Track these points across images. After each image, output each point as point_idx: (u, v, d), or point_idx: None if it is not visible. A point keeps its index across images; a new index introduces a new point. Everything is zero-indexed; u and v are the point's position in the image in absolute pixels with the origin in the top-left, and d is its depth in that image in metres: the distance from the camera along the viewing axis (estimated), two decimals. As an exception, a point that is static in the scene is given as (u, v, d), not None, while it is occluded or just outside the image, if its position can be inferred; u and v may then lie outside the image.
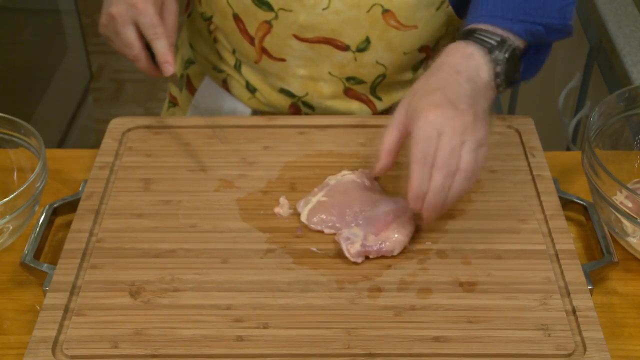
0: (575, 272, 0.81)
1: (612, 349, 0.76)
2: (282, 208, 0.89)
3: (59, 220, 0.91)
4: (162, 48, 0.92)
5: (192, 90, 1.16)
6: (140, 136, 1.00)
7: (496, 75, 0.84)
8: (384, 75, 1.02)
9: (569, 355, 0.74)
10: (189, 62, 1.16)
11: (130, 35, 0.92)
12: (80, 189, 0.93)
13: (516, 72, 0.86)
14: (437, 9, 0.98)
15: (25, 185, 0.83)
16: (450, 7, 0.99)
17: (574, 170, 0.98)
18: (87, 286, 0.81)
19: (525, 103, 2.07)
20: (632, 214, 0.83)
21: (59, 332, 0.76)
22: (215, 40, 1.07)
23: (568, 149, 1.60)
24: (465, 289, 0.80)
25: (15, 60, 2.24)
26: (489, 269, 0.82)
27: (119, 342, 0.75)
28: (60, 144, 2.47)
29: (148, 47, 0.93)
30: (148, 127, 1.02)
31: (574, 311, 0.77)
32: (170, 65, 0.92)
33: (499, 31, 0.86)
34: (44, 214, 0.90)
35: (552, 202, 0.90)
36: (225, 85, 1.10)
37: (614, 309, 0.82)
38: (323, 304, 0.79)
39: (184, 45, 1.17)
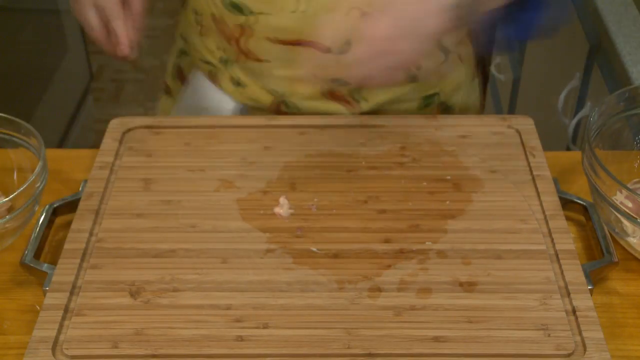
0: (575, 272, 0.81)
1: (612, 349, 0.76)
2: (282, 208, 0.89)
3: (59, 220, 0.91)
4: (118, 29, 0.94)
5: (183, 80, 1.17)
6: (140, 136, 1.00)
7: None
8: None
9: (569, 355, 0.74)
10: (181, 53, 1.17)
11: (91, 17, 0.94)
12: (80, 189, 0.93)
13: None
14: None
15: (25, 185, 0.83)
16: None
17: (574, 170, 0.98)
18: (87, 286, 0.81)
19: (525, 103, 2.07)
20: (632, 214, 0.83)
21: (59, 332, 0.76)
22: (202, 33, 1.08)
23: (568, 149, 1.60)
24: (465, 289, 0.80)
25: (15, 60, 2.24)
26: (489, 269, 0.82)
27: (119, 342, 0.75)
28: (60, 144, 2.47)
29: None
30: (148, 127, 1.02)
31: (574, 311, 0.78)
32: (125, 46, 0.94)
33: None
34: (44, 214, 0.90)
35: (552, 202, 0.90)
36: (212, 77, 1.10)
37: (614, 309, 0.82)
38: (323, 304, 0.79)
39: (179, 36, 1.18)
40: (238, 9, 0.98)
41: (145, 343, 0.75)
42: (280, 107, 1.06)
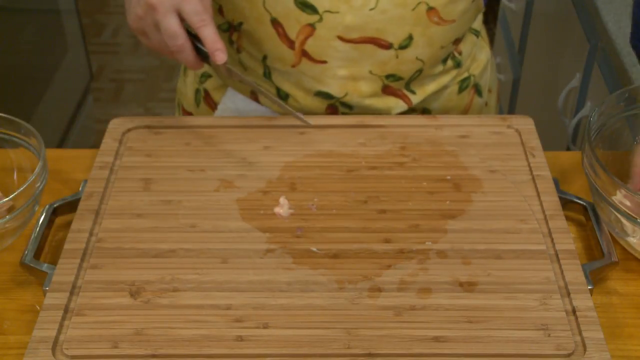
0: (575, 272, 0.81)
1: (612, 349, 0.76)
2: (282, 208, 0.89)
3: (59, 220, 0.91)
4: (211, 35, 0.87)
5: (211, 104, 1.13)
6: (140, 136, 1.01)
7: None
8: (420, 70, 1.03)
9: (569, 355, 0.74)
10: (204, 77, 1.14)
11: (174, 24, 0.87)
12: (80, 189, 0.94)
13: None
14: (473, 0, 1.01)
15: (25, 185, 0.83)
16: None
17: (574, 170, 0.98)
18: (87, 286, 0.81)
19: (525, 103, 2.07)
20: (632, 214, 0.83)
21: (59, 332, 0.76)
22: (238, 50, 1.06)
23: (568, 149, 1.60)
24: (465, 289, 0.80)
25: (15, 60, 2.24)
26: (489, 269, 0.82)
27: (119, 342, 0.75)
28: (60, 144, 2.47)
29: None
30: (148, 127, 1.02)
31: (574, 311, 0.78)
32: (222, 52, 0.88)
33: None
34: (44, 214, 0.90)
35: (552, 202, 0.90)
36: (253, 95, 1.09)
37: (614, 309, 0.82)
38: (323, 304, 0.79)
39: None
40: (310, 7, 0.96)
41: (145, 343, 0.75)
42: (337, 109, 1.05)
